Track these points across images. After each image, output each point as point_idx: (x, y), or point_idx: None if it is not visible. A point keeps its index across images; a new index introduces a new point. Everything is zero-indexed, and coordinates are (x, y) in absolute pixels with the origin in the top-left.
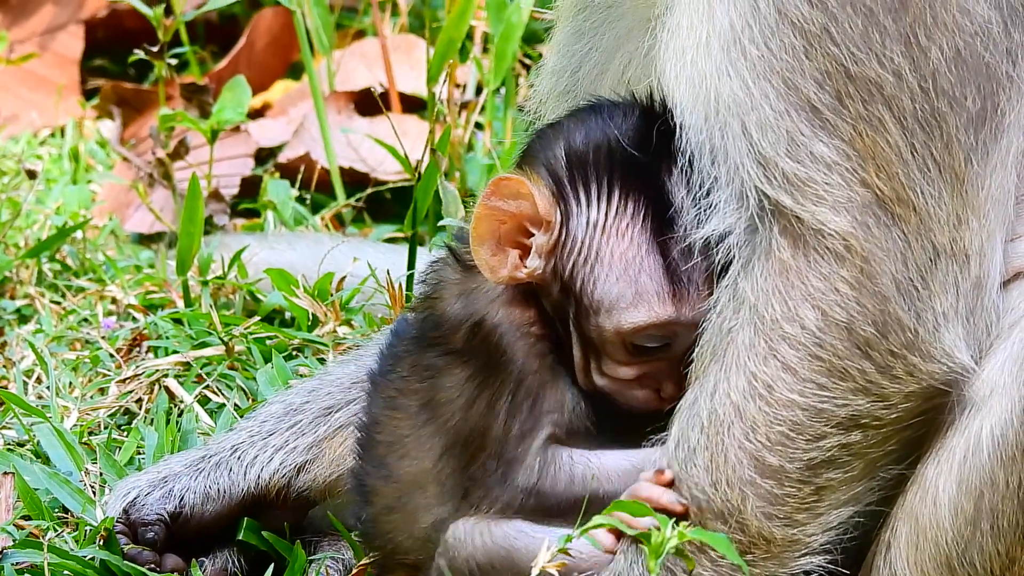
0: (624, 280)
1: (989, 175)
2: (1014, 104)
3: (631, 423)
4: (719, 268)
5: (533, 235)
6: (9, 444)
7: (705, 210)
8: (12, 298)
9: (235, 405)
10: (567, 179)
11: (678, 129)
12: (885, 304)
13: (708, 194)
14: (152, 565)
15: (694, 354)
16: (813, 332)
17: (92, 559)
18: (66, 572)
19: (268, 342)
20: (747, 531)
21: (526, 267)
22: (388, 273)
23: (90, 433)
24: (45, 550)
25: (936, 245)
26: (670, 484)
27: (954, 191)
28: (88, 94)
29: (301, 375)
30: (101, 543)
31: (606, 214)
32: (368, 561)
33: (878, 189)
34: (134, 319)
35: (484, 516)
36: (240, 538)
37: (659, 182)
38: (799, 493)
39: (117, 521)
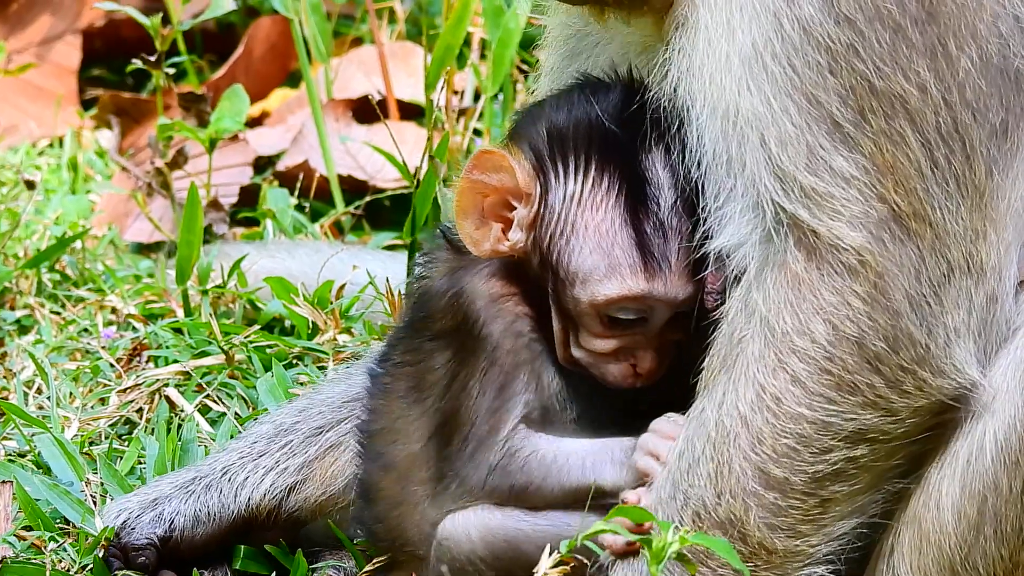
0: (598, 252)
1: (1010, 187)
2: None
3: (616, 411)
4: (732, 278)
5: (515, 208)
6: (10, 455)
7: (719, 221)
8: (12, 308)
9: (236, 414)
10: (547, 153)
11: (692, 137)
12: (897, 319)
13: (723, 205)
14: None
15: (704, 363)
16: (823, 346)
17: None
18: None
19: (268, 351)
20: (748, 541)
21: (508, 240)
22: (387, 281)
23: (91, 443)
24: (48, 562)
25: (951, 261)
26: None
27: (973, 205)
28: (86, 104)
29: (301, 384)
30: (101, 554)
31: (583, 187)
32: (371, 568)
33: (895, 204)
34: (134, 329)
35: (471, 509)
36: (237, 568)
37: (637, 158)
38: (803, 505)
39: (110, 544)
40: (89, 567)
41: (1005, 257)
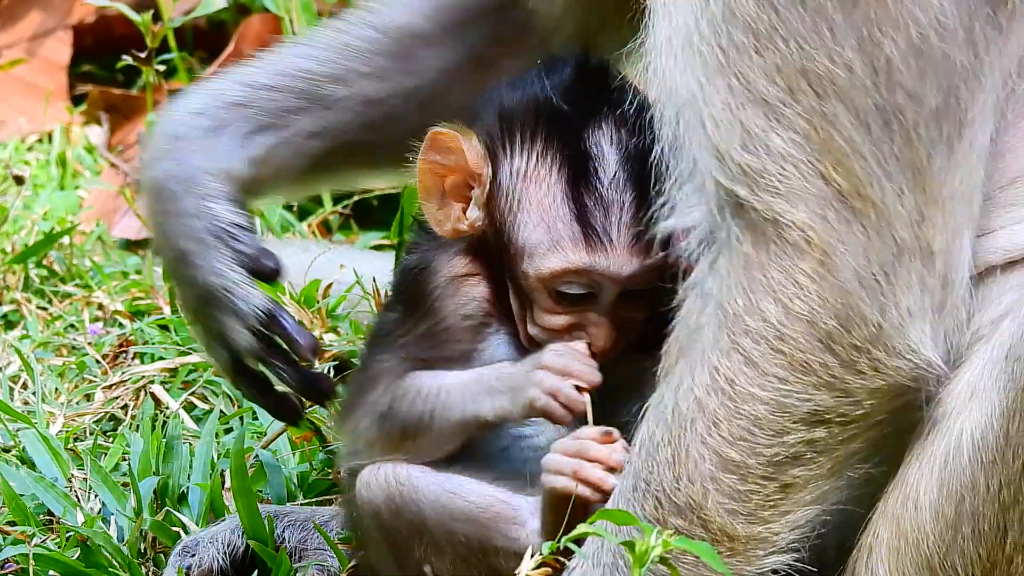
0: (542, 226)
1: (953, 170)
2: (976, 96)
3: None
4: (687, 265)
5: (473, 188)
6: None
7: (671, 206)
8: None
9: (221, 412)
10: (496, 131)
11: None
12: (847, 297)
13: (676, 190)
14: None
15: (662, 351)
16: (774, 325)
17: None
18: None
19: None
20: (709, 528)
21: (467, 219)
22: (374, 280)
23: (76, 439)
24: (30, 556)
25: (898, 241)
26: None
27: (916, 187)
28: (76, 100)
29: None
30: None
31: (527, 162)
32: (353, 567)
33: (836, 183)
34: (120, 325)
35: (386, 462)
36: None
37: (583, 134)
38: (763, 490)
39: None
40: (77, 556)
41: (954, 242)
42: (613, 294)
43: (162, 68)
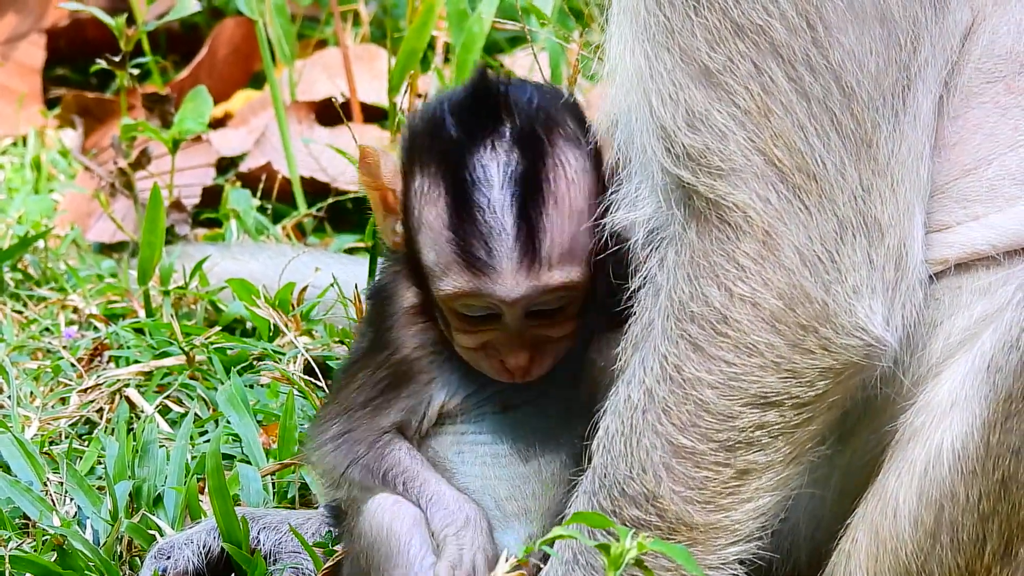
0: (435, 249)
1: (900, 139)
2: (917, 58)
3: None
4: (642, 260)
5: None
6: None
7: (623, 200)
8: None
9: (195, 415)
10: (406, 150)
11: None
12: (790, 277)
13: (628, 184)
14: None
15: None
16: (718, 309)
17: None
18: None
19: (229, 352)
20: (666, 517)
21: (398, 234)
22: (356, 287)
23: (51, 443)
24: (7, 559)
25: (841, 218)
26: None
27: (860, 159)
28: (50, 103)
29: (263, 386)
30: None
31: (424, 183)
32: (328, 567)
33: (776, 159)
34: (95, 329)
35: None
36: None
37: (467, 158)
38: (719, 476)
39: None
40: (53, 560)
41: (906, 216)
42: (515, 315)
43: (136, 72)
